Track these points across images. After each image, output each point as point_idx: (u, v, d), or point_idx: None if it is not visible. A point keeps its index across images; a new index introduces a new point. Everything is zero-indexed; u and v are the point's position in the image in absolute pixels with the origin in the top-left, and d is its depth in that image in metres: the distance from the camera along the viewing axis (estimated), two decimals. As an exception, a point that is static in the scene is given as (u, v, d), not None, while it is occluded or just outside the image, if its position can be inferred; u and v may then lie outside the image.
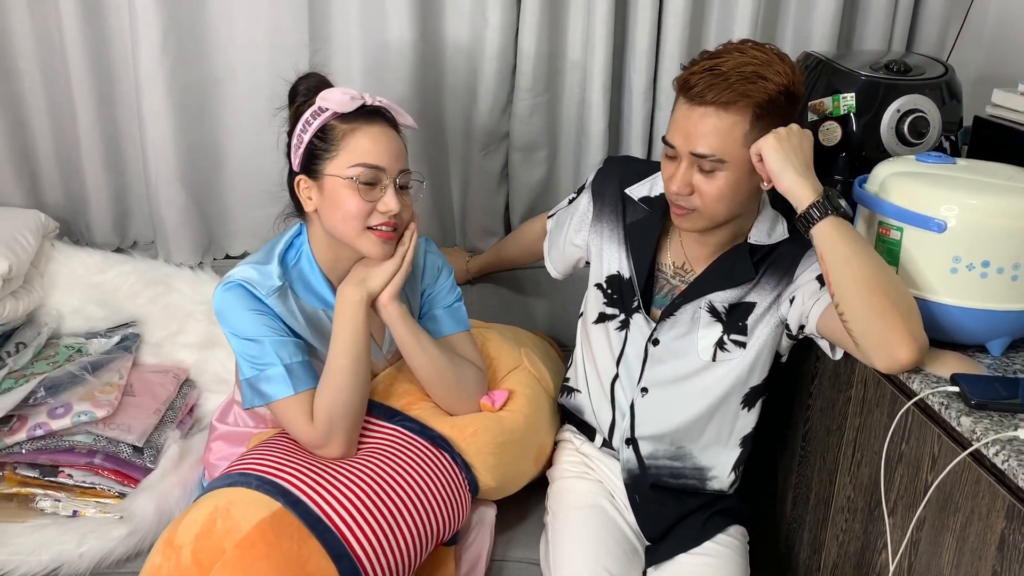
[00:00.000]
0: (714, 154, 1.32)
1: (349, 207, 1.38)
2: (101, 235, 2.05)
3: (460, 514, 1.47)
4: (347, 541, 1.30)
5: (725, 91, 1.30)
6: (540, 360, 1.74)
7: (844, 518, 1.48)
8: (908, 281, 1.30)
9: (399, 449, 1.44)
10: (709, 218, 1.40)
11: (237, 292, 1.41)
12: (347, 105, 1.38)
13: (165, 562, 1.26)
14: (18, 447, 1.63)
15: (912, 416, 1.27)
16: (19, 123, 1.95)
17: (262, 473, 1.36)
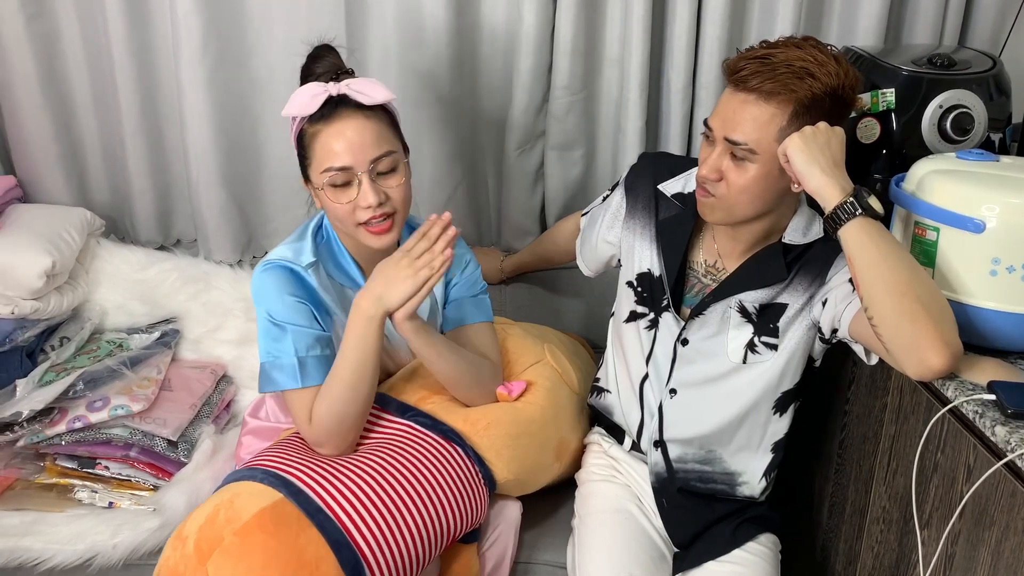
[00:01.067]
0: (747, 143, 1.29)
1: (333, 210, 1.40)
2: (145, 233, 2.10)
3: (476, 509, 1.46)
4: (347, 530, 1.30)
5: (769, 80, 1.26)
6: (565, 357, 1.72)
7: (879, 529, 1.43)
8: (944, 284, 1.25)
9: (408, 443, 1.44)
10: (727, 209, 1.36)
11: (276, 273, 1.43)
12: (309, 106, 1.37)
13: (172, 553, 1.29)
14: (58, 439, 1.68)
15: (947, 425, 1.22)
16: (68, 124, 2.00)
17: (268, 467, 1.38)
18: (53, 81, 1.95)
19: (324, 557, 1.27)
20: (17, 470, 1.71)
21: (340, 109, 1.38)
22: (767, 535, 1.55)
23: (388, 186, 1.40)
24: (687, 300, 1.52)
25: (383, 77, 1.93)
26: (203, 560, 1.25)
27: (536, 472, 1.59)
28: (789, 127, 1.28)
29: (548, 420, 1.58)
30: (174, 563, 1.28)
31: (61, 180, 2.02)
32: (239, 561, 1.24)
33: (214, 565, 1.24)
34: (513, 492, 1.58)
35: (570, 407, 1.66)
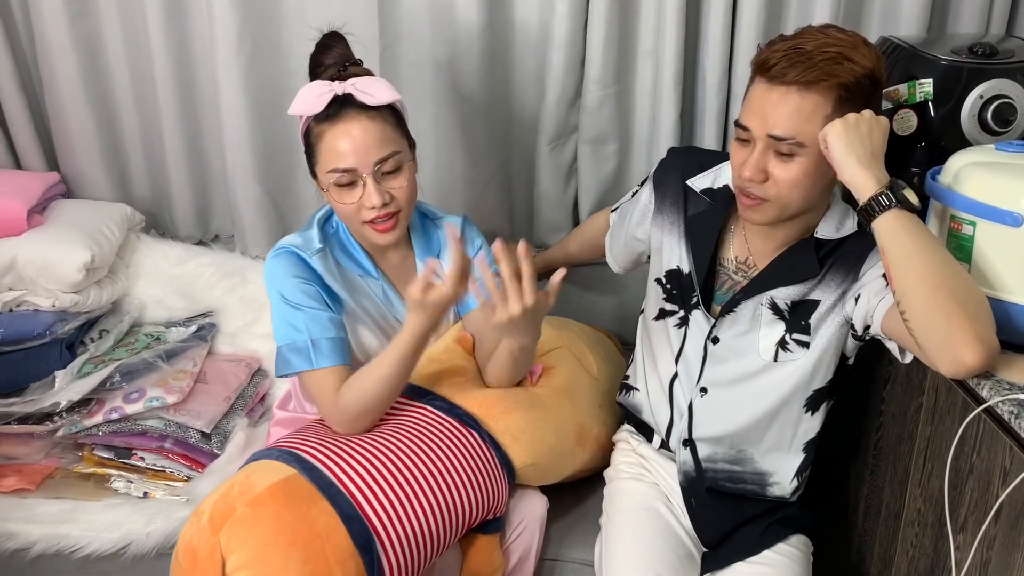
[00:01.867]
0: (794, 136, 1.25)
1: (339, 208, 1.43)
2: (185, 228, 2.13)
3: (494, 494, 1.46)
4: (359, 504, 1.31)
5: (810, 70, 1.22)
6: (587, 346, 1.71)
7: (914, 532, 1.39)
8: (980, 279, 1.21)
9: (424, 425, 1.45)
10: (781, 208, 1.32)
11: (285, 258, 1.46)
12: (315, 105, 1.39)
13: (189, 527, 1.32)
14: (96, 429, 1.72)
15: (983, 425, 1.18)
16: (109, 121, 2.05)
17: (283, 447, 1.40)
18: (95, 80, 1.99)
19: (335, 529, 1.28)
20: (57, 459, 1.76)
21: (346, 109, 1.39)
22: (798, 536, 1.52)
23: (392, 186, 1.42)
24: (717, 297, 1.49)
25: (415, 73, 1.94)
26: (216, 530, 1.28)
27: (557, 458, 1.57)
28: (835, 114, 1.23)
29: (565, 403, 1.58)
30: (190, 536, 1.31)
31: (103, 176, 2.06)
32: (251, 530, 1.26)
33: (226, 533, 1.27)
34: (535, 480, 1.57)
35: (589, 392, 1.65)
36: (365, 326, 1.53)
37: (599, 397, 1.69)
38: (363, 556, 1.30)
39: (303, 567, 1.26)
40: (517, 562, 1.52)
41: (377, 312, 1.55)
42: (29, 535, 1.61)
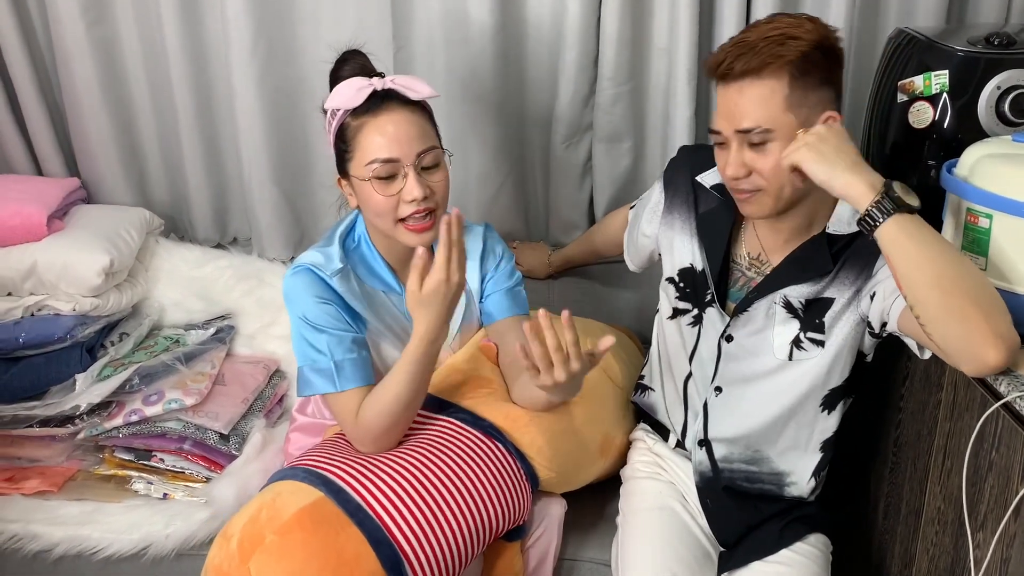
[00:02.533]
0: (759, 125, 1.26)
1: (375, 204, 1.39)
2: (203, 231, 2.15)
3: (519, 505, 1.45)
4: (387, 528, 1.30)
5: (754, 57, 1.24)
6: (611, 353, 1.69)
7: (935, 530, 1.37)
8: (997, 273, 1.19)
9: (449, 439, 1.44)
10: (776, 196, 1.31)
11: (305, 276, 1.44)
12: (354, 99, 1.38)
13: (218, 552, 1.31)
14: (116, 431, 1.74)
15: (1002, 422, 1.16)
16: (128, 127, 2.07)
17: (309, 466, 1.39)
18: (113, 85, 2.01)
19: (364, 555, 1.28)
20: (78, 462, 1.78)
21: (386, 103, 1.39)
22: (817, 535, 1.50)
23: (432, 181, 1.40)
24: (732, 295, 1.48)
25: (429, 74, 1.94)
26: (245, 559, 1.27)
27: (579, 469, 1.57)
28: (793, 92, 1.24)
29: (590, 417, 1.56)
30: (219, 561, 1.30)
31: (122, 181, 2.08)
32: (280, 560, 1.25)
33: (256, 564, 1.26)
34: (557, 489, 1.56)
35: (613, 402, 1.64)
36: (389, 343, 1.51)
37: (622, 406, 1.68)
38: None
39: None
40: (536, 564, 1.52)
41: (400, 328, 1.52)
42: (51, 537, 1.63)
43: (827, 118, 1.28)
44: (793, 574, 1.44)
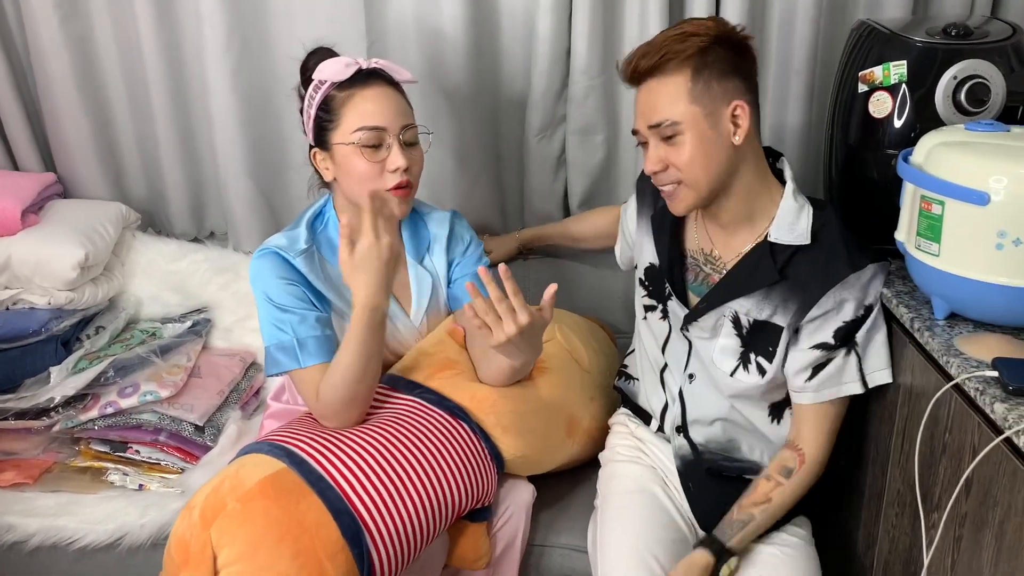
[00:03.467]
0: (667, 119, 1.32)
1: (359, 171, 1.44)
2: (180, 225, 2.17)
3: (483, 484, 1.47)
4: (348, 498, 1.32)
5: (656, 56, 1.32)
6: (577, 337, 1.72)
7: (895, 512, 1.40)
8: (950, 259, 1.21)
9: (414, 418, 1.47)
10: (694, 187, 1.36)
11: (269, 259, 1.48)
12: (342, 73, 1.44)
13: (181, 523, 1.35)
14: (91, 423, 1.76)
15: (954, 404, 1.18)
16: (104, 122, 2.08)
17: (273, 440, 1.42)
18: (89, 81, 2.02)
19: (324, 523, 1.30)
20: (55, 454, 1.79)
21: (372, 79, 1.47)
22: (801, 517, 1.52)
23: (412, 156, 1.47)
24: (694, 288, 1.51)
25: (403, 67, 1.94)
26: (207, 526, 1.30)
27: (546, 450, 1.59)
28: (696, 85, 1.31)
29: (556, 397, 1.59)
30: (182, 531, 1.33)
31: (99, 176, 2.09)
32: (241, 525, 1.28)
33: (217, 529, 1.29)
34: (525, 471, 1.58)
35: (580, 385, 1.66)
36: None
37: (590, 390, 1.70)
38: (352, 549, 1.32)
39: (293, 561, 1.28)
40: (504, 549, 1.54)
41: None
42: (27, 528, 1.65)
43: (735, 107, 1.34)
44: (783, 555, 1.45)
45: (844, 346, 1.37)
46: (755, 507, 1.43)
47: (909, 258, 1.31)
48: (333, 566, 1.30)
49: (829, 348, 1.36)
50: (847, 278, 1.35)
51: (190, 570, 1.31)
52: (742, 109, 1.33)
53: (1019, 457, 1.03)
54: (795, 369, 1.39)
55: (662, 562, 1.43)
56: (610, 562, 1.45)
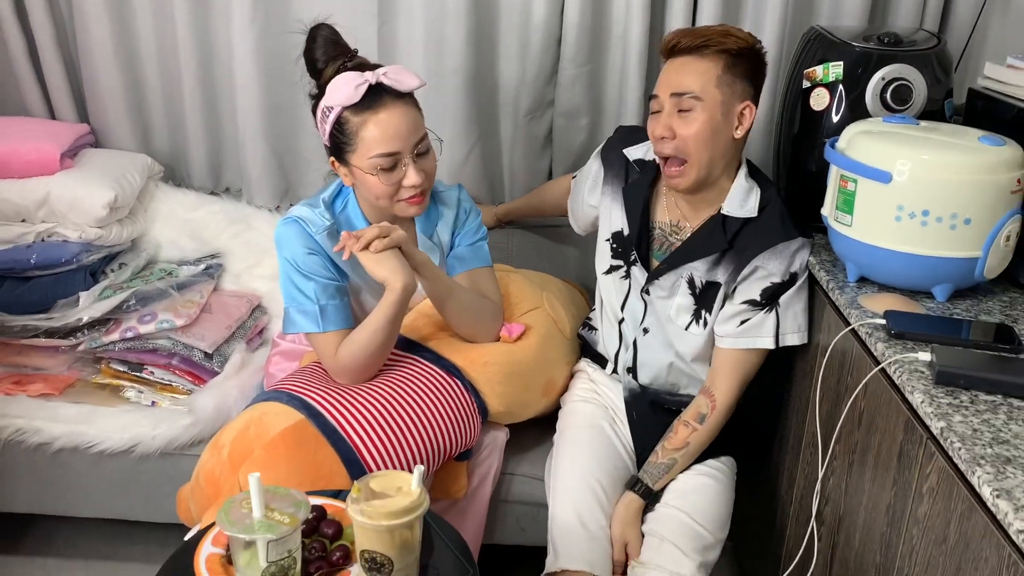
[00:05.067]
0: (691, 90, 1.51)
1: (377, 191, 1.55)
2: (199, 180, 2.37)
3: (470, 433, 1.67)
4: (358, 450, 1.52)
5: (699, 38, 1.52)
6: (561, 305, 1.92)
7: (809, 452, 1.61)
8: (861, 229, 1.42)
9: (414, 375, 1.65)
10: (698, 167, 1.55)
11: (295, 227, 1.60)
12: (352, 97, 1.50)
13: (210, 459, 1.54)
14: (112, 345, 1.96)
15: (854, 350, 1.39)
16: (136, 81, 2.28)
17: (292, 391, 1.60)
18: (124, 42, 2.23)
19: (337, 472, 1.50)
20: (78, 371, 2.01)
21: (382, 97, 1.52)
22: (726, 457, 1.74)
23: (425, 166, 1.57)
24: (657, 255, 1.72)
25: (409, 47, 2.16)
26: (235, 468, 1.49)
27: (524, 407, 1.80)
28: (724, 75, 1.51)
29: (539, 361, 1.79)
30: (211, 467, 1.52)
31: (128, 130, 2.30)
32: (265, 471, 1.43)
33: (244, 472, 1.46)
34: (502, 420, 1.79)
35: (559, 350, 1.87)
36: (369, 294, 1.70)
37: (567, 354, 1.90)
38: None
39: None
40: (479, 482, 1.75)
41: (377, 283, 1.66)
42: (52, 431, 1.85)
43: (744, 107, 1.54)
44: (703, 483, 1.67)
45: (768, 305, 1.58)
46: (676, 451, 1.65)
47: (830, 230, 1.52)
48: (343, 510, 1.51)
49: (755, 304, 1.58)
50: (777, 245, 1.56)
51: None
52: (749, 111, 1.54)
53: (892, 387, 1.25)
54: (724, 318, 1.61)
55: (604, 486, 1.66)
56: (561, 484, 1.68)
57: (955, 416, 1.09)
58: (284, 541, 1.07)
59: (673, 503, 1.64)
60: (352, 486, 1.13)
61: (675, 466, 1.66)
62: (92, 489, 1.89)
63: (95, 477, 1.88)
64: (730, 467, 1.74)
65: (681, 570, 1.54)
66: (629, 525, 1.62)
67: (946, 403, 1.12)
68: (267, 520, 1.07)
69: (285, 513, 1.09)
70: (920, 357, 1.21)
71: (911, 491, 1.17)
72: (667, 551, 1.57)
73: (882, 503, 1.27)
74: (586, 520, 1.61)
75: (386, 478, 1.14)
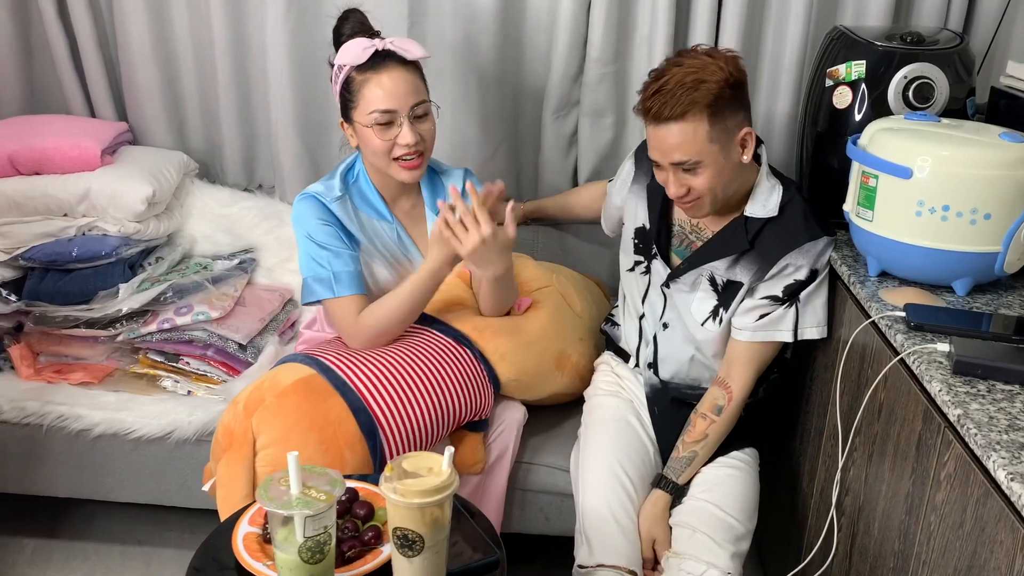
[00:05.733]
0: (689, 159, 1.52)
1: (374, 146, 1.65)
2: (232, 176, 2.44)
3: (481, 399, 1.73)
4: (366, 399, 1.59)
5: (676, 106, 1.48)
6: (572, 286, 1.98)
7: (830, 444, 1.64)
8: (881, 224, 1.45)
9: (424, 342, 1.73)
10: (712, 201, 1.59)
11: (309, 202, 1.72)
12: (360, 57, 1.62)
13: (227, 414, 1.62)
14: (150, 336, 2.03)
15: (874, 343, 1.42)
16: (172, 80, 2.35)
17: (306, 353, 1.69)
18: (162, 43, 2.30)
19: (346, 419, 1.57)
20: (116, 361, 2.07)
21: (386, 61, 1.64)
22: (750, 448, 1.77)
23: (422, 128, 1.67)
24: (677, 252, 1.75)
25: (439, 46, 2.21)
26: (248, 415, 1.57)
27: (537, 377, 1.84)
28: (713, 127, 1.49)
29: (548, 332, 1.84)
30: (227, 420, 1.60)
31: (164, 127, 2.37)
32: (277, 416, 1.55)
33: (257, 418, 1.56)
34: (518, 394, 1.84)
35: (570, 324, 1.91)
36: (379, 263, 1.78)
37: (579, 331, 1.95)
38: (368, 441, 1.59)
39: (319, 447, 1.55)
40: (496, 458, 1.80)
41: (390, 251, 1.79)
42: (92, 418, 1.92)
43: (743, 135, 1.55)
44: (728, 475, 1.70)
45: (788, 301, 1.61)
46: (696, 444, 1.68)
47: (852, 225, 1.55)
48: (352, 454, 1.57)
49: (776, 300, 1.61)
50: (803, 245, 1.59)
51: (234, 450, 1.57)
52: (749, 135, 1.55)
53: (911, 377, 1.27)
54: (742, 311, 1.64)
55: (632, 479, 1.69)
56: (590, 477, 1.71)
57: (972, 404, 1.12)
58: (320, 517, 1.11)
59: (702, 496, 1.67)
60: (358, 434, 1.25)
61: (696, 459, 1.69)
62: (130, 474, 1.95)
63: (133, 463, 1.94)
64: (754, 458, 1.77)
65: (716, 561, 1.57)
66: (657, 522, 1.65)
67: (963, 392, 1.15)
68: (304, 497, 1.12)
69: (321, 491, 1.13)
70: (939, 348, 1.24)
71: (929, 479, 1.20)
72: (701, 541, 1.60)
73: (901, 491, 1.29)
74: (617, 514, 1.64)
75: (418, 458, 1.18)
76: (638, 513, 1.67)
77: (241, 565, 1.23)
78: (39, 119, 2.24)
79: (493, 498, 1.78)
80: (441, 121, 1.81)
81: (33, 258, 2.05)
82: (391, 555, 1.18)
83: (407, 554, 1.14)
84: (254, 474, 1.55)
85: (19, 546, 2.10)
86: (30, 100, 2.38)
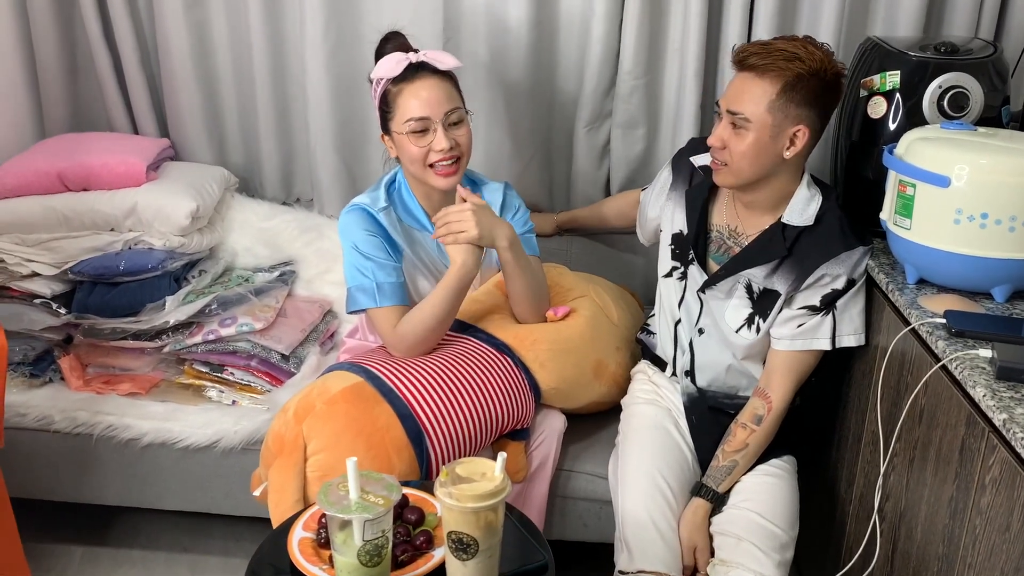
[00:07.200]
0: (742, 113, 1.56)
1: (411, 153, 1.72)
2: (271, 190, 2.49)
3: (522, 408, 1.76)
4: (413, 408, 1.63)
5: (763, 59, 1.55)
6: (608, 296, 2.00)
7: (869, 450, 1.65)
8: (918, 231, 1.47)
9: (467, 351, 1.77)
10: (736, 174, 1.62)
11: (357, 213, 1.78)
12: (393, 70, 1.70)
13: (277, 422, 1.66)
14: (195, 347, 2.08)
15: (914, 350, 1.44)
16: (212, 97, 2.41)
17: (353, 361, 1.73)
18: (203, 61, 2.35)
19: (393, 425, 1.61)
20: (163, 372, 2.12)
21: (420, 72, 1.71)
22: (789, 456, 1.78)
23: (457, 135, 1.73)
24: (714, 258, 1.78)
25: (472, 60, 2.25)
26: (299, 422, 1.61)
27: (576, 386, 1.87)
28: (777, 100, 1.54)
29: (586, 341, 1.87)
30: (278, 428, 1.64)
31: (205, 143, 2.43)
32: (326, 422, 1.59)
33: (307, 425, 1.60)
34: (558, 403, 1.87)
35: (607, 333, 1.94)
36: (421, 273, 1.83)
37: (616, 340, 1.98)
38: (415, 448, 1.63)
39: (367, 452, 1.59)
40: (538, 466, 1.82)
41: (431, 262, 1.85)
42: (141, 428, 1.97)
43: (797, 130, 1.58)
44: (768, 483, 1.71)
45: (825, 310, 1.63)
46: (736, 453, 1.70)
47: (889, 233, 1.57)
48: (399, 459, 1.61)
49: (814, 310, 1.63)
50: (840, 255, 1.61)
51: (285, 456, 1.61)
52: (802, 134, 1.58)
53: (954, 383, 1.29)
54: (781, 321, 1.66)
55: (672, 487, 1.71)
56: (630, 485, 1.73)
57: (1017, 409, 1.14)
58: (378, 521, 1.15)
59: (743, 504, 1.69)
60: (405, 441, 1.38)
61: (736, 468, 1.71)
62: (176, 483, 2.00)
63: (179, 471, 1.99)
64: (792, 465, 1.79)
65: (763, 569, 1.59)
66: (697, 530, 1.67)
67: (1008, 397, 1.17)
68: (363, 501, 1.15)
69: (379, 495, 1.16)
70: (981, 354, 1.25)
71: (974, 483, 1.22)
72: (747, 549, 1.61)
73: (944, 496, 1.31)
74: (657, 521, 1.66)
75: (471, 464, 1.21)
76: (678, 520, 1.69)
77: (297, 568, 1.26)
78: (86, 136, 2.31)
79: (535, 505, 1.81)
80: (475, 134, 1.85)
81: (82, 272, 2.10)
82: (445, 558, 1.21)
83: (462, 557, 1.17)
84: (305, 480, 1.58)
85: (68, 553, 2.15)
86: (75, 118, 2.44)
